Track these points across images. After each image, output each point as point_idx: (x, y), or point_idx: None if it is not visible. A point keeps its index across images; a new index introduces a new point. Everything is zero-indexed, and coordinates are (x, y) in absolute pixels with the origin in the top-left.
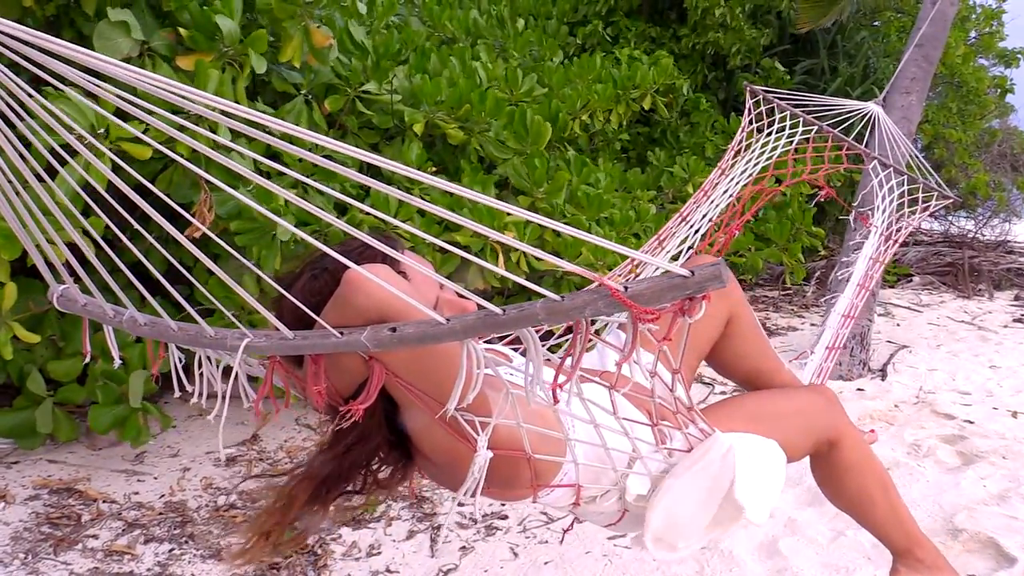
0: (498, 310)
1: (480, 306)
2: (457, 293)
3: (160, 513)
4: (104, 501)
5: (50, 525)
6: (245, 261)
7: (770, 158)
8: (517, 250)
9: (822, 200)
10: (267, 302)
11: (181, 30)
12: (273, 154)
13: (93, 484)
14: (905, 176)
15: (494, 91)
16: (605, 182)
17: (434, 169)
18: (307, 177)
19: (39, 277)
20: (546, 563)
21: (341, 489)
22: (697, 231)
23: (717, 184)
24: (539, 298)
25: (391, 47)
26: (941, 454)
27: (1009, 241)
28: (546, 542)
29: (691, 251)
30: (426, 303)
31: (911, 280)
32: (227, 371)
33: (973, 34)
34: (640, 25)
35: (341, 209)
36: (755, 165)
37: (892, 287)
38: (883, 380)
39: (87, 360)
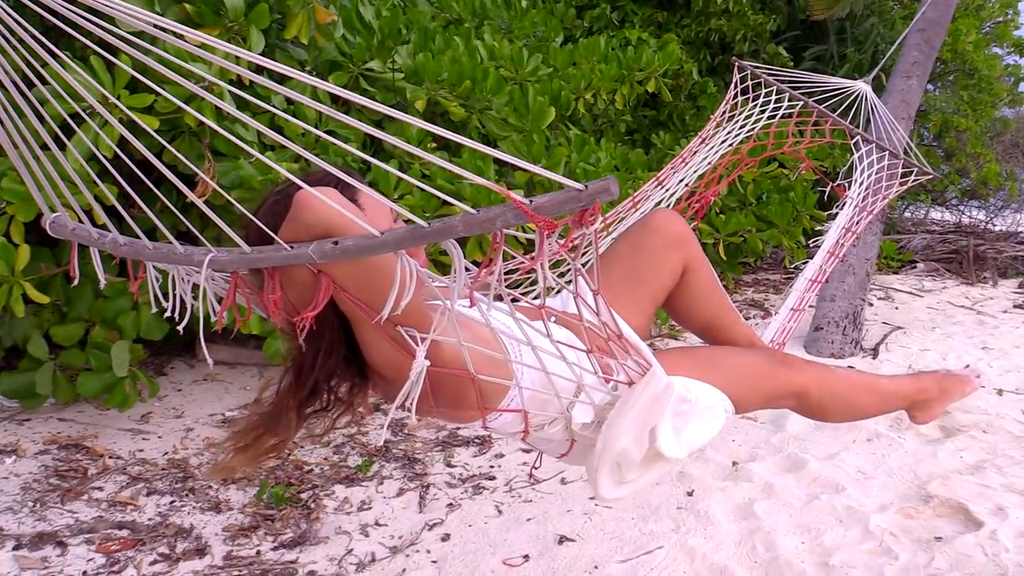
0: (424, 224)
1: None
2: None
3: (163, 469)
4: (110, 457)
5: (58, 477)
6: (229, 231)
7: (752, 130)
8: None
9: (803, 172)
10: None
11: (187, 6)
12: (276, 127)
13: (100, 441)
14: (887, 152)
15: (495, 69)
16: (605, 161)
17: (434, 145)
18: (310, 150)
19: (49, 244)
20: (528, 520)
21: (312, 403)
22: (673, 195)
23: (696, 152)
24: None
25: (396, 26)
26: (922, 427)
27: (1020, 232)
28: (530, 501)
29: None
30: (378, 229)
31: (915, 266)
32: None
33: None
34: (647, 10)
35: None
36: (736, 136)
37: (896, 273)
38: (874, 359)
39: (75, 283)
